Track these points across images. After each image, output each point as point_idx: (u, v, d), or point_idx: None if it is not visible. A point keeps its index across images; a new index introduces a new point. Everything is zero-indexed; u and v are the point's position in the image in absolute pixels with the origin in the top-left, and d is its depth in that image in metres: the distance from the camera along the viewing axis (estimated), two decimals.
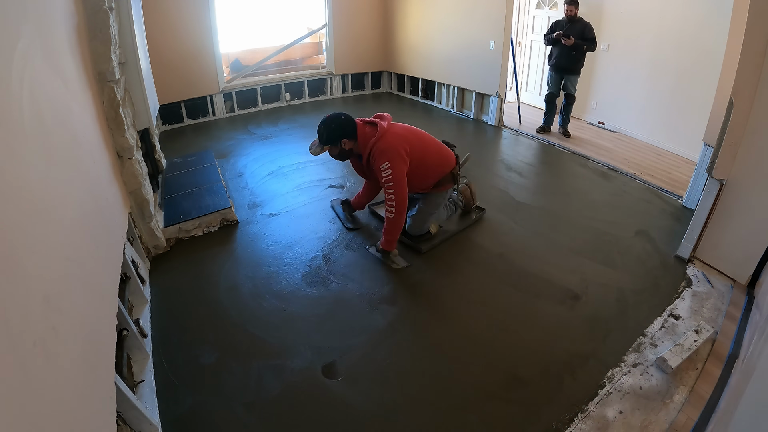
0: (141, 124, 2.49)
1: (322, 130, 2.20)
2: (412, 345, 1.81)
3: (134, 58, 2.35)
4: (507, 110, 4.99)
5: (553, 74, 4.34)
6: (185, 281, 2.24)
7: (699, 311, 1.99)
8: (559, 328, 1.90)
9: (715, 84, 2.66)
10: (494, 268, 2.31)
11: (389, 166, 2.12)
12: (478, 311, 2.01)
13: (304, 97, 5.92)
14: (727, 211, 2.15)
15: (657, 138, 4.21)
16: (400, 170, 2.14)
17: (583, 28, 4.00)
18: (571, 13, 4.02)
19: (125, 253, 1.81)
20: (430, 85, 5.78)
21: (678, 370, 1.66)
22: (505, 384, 1.62)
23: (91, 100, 1.76)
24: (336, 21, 5.67)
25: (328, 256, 2.43)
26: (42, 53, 1.25)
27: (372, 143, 2.17)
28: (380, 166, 2.14)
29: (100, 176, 1.68)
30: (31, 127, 1.04)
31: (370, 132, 2.21)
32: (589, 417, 1.49)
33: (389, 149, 2.13)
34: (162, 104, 4.37)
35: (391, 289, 2.15)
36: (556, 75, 4.32)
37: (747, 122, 1.95)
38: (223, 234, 2.68)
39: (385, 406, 1.54)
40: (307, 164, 3.74)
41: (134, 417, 1.32)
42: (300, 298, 2.09)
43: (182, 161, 3.53)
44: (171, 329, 1.91)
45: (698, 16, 3.60)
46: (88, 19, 1.86)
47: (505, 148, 4.23)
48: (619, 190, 3.24)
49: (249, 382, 1.63)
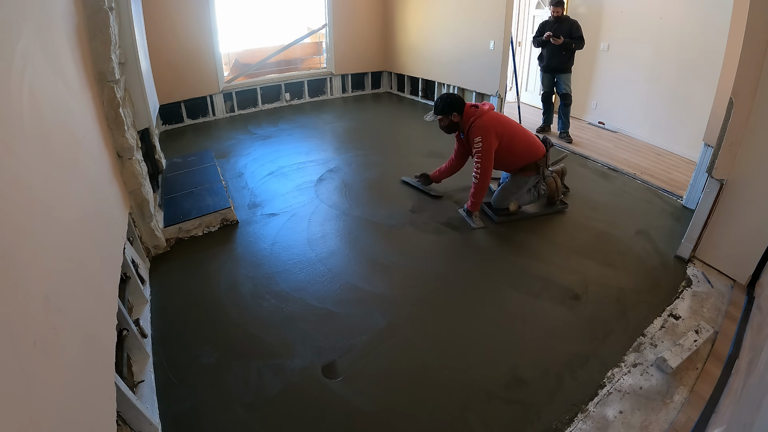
0: (141, 124, 2.49)
1: (439, 103, 2.68)
2: (412, 345, 1.81)
3: (134, 58, 2.35)
4: (507, 110, 4.99)
5: (545, 75, 4.37)
6: (185, 281, 2.24)
7: (699, 311, 1.99)
8: (559, 328, 1.90)
9: (715, 84, 2.66)
10: (494, 268, 2.31)
11: (481, 140, 2.58)
12: (478, 311, 2.01)
13: (304, 97, 5.92)
14: (727, 211, 2.15)
15: (657, 138, 4.21)
16: (489, 146, 2.59)
17: (571, 26, 4.01)
18: (557, 14, 4.04)
19: (125, 253, 1.81)
20: (430, 85, 5.78)
21: (678, 370, 1.66)
22: (505, 384, 1.62)
23: (91, 100, 1.76)
24: (336, 21, 5.67)
25: (328, 256, 2.43)
26: (42, 53, 1.25)
27: (472, 120, 2.64)
28: (474, 139, 2.61)
29: (100, 176, 1.69)
30: (31, 127, 1.04)
31: (472, 112, 2.66)
32: (589, 417, 1.49)
33: (484, 127, 2.58)
34: (162, 104, 4.38)
35: (391, 288, 2.15)
36: (547, 75, 4.34)
37: (747, 122, 1.95)
38: (223, 234, 2.68)
39: (385, 406, 1.54)
40: (307, 164, 3.74)
41: (134, 417, 1.32)
42: (300, 298, 2.09)
43: (182, 161, 3.53)
44: (171, 329, 1.91)
45: (698, 16, 3.60)
46: (88, 19, 1.86)
47: None
48: (619, 190, 3.24)
49: (249, 382, 1.63)
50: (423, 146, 4.22)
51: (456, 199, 3.09)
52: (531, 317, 1.96)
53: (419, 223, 2.78)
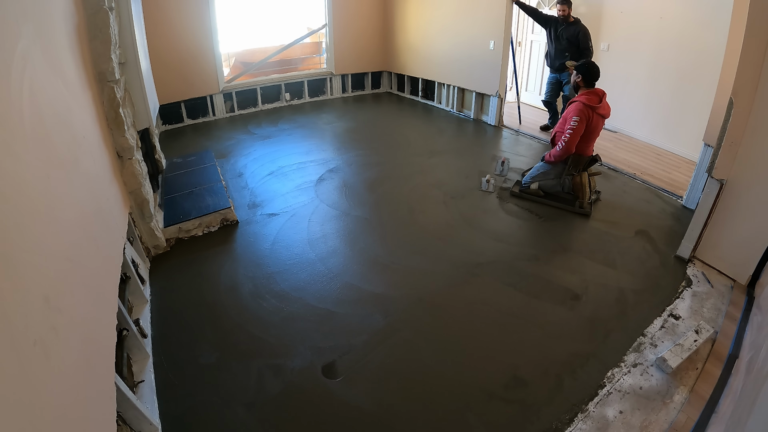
0: (141, 124, 2.49)
1: (586, 62, 2.84)
2: (412, 345, 1.81)
3: (134, 58, 2.35)
4: (507, 110, 4.99)
5: (551, 76, 4.36)
6: (185, 281, 2.24)
7: (699, 311, 1.99)
8: (559, 328, 1.90)
9: (715, 84, 2.66)
10: (494, 268, 2.31)
11: (577, 121, 2.73)
12: (479, 311, 2.01)
13: (304, 97, 5.92)
14: (727, 211, 2.15)
15: (657, 138, 4.21)
16: (579, 129, 2.75)
17: (578, 32, 3.90)
18: (564, 13, 3.93)
19: (125, 253, 1.81)
20: (430, 85, 5.78)
21: (678, 370, 1.66)
22: (505, 384, 1.62)
23: (91, 100, 1.76)
24: (336, 21, 5.67)
25: (328, 256, 2.43)
26: (42, 53, 1.25)
27: (579, 96, 2.79)
28: (572, 117, 2.75)
29: (100, 176, 1.68)
30: (31, 127, 1.04)
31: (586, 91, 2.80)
32: (589, 417, 1.49)
33: (584, 111, 2.73)
34: (162, 104, 4.38)
35: (391, 288, 2.15)
36: (554, 76, 4.33)
37: (747, 122, 1.95)
38: (223, 234, 2.68)
39: (385, 406, 1.54)
40: (307, 164, 3.74)
41: (134, 417, 1.32)
42: (300, 298, 2.09)
43: (182, 161, 3.53)
44: (171, 329, 1.91)
45: (698, 16, 3.60)
46: (88, 19, 1.86)
47: (505, 148, 4.23)
48: (619, 190, 3.24)
49: (249, 382, 1.63)
50: (423, 146, 4.22)
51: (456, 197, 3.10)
52: (531, 317, 1.96)
53: (419, 223, 2.78)
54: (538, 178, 3.05)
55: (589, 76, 2.78)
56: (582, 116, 2.72)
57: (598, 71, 2.79)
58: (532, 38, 5.53)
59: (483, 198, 3.11)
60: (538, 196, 3.03)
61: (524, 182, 3.14)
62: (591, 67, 2.79)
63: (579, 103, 2.75)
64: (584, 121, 2.73)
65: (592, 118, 2.74)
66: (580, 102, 2.75)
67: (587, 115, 2.72)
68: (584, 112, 2.72)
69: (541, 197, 3.02)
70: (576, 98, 2.81)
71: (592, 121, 2.75)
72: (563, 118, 2.88)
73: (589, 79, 2.78)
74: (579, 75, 2.82)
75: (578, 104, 2.75)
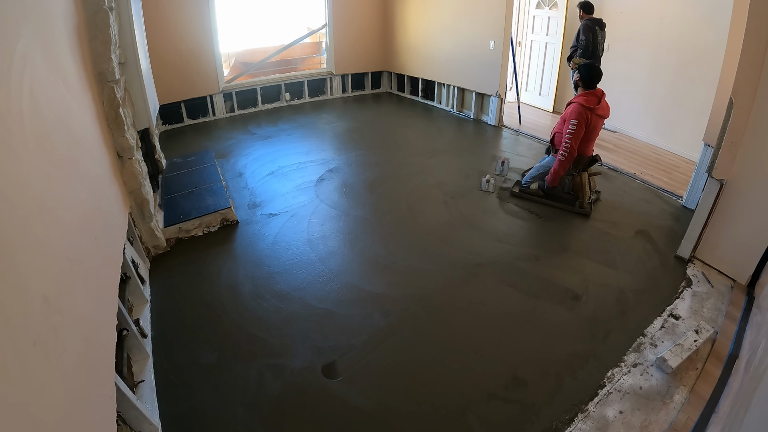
0: (141, 124, 2.49)
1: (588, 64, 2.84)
2: (412, 345, 1.81)
3: (134, 58, 2.35)
4: (507, 110, 4.99)
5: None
6: (185, 281, 2.24)
7: (699, 311, 1.99)
8: (559, 328, 1.90)
9: (715, 84, 2.66)
10: (494, 268, 2.31)
11: (575, 125, 2.71)
12: (478, 311, 2.01)
13: (304, 97, 5.92)
14: (727, 211, 2.14)
15: (657, 138, 4.20)
16: (578, 133, 2.74)
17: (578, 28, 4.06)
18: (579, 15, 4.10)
19: (125, 253, 1.81)
20: (430, 85, 5.78)
21: (678, 370, 1.66)
22: (505, 384, 1.62)
23: (91, 100, 1.76)
24: (336, 21, 5.67)
25: (328, 256, 2.43)
26: (42, 53, 1.25)
27: (578, 97, 2.78)
28: (571, 120, 2.72)
29: (100, 176, 1.68)
30: (31, 127, 1.04)
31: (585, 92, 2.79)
32: (589, 417, 1.49)
33: (582, 113, 2.70)
34: (162, 104, 4.37)
35: (391, 288, 2.15)
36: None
37: (747, 122, 1.95)
38: (223, 234, 2.68)
39: (385, 406, 1.54)
40: (307, 164, 3.74)
41: (134, 417, 1.32)
42: (300, 298, 2.09)
43: (182, 161, 3.53)
44: (171, 329, 1.91)
45: (698, 16, 3.60)
46: (88, 19, 1.86)
47: (505, 147, 4.23)
48: (619, 190, 3.24)
49: (249, 382, 1.63)
50: (423, 146, 4.22)
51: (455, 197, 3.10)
52: (531, 317, 1.96)
53: (419, 223, 2.78)
54: (538, 178, 3.06)
55: (587, 78, 2.78)
56: (580, 119, 2.71)
57: (598, 75, 2.78)
58: (532, 38, 5.53)
59: (483, 198, 3.11)
60: (538, 196, 3.03)
61: (524, 182, 3.14)
62: (591, 70, 2.78)
63: (577, 105, 2.74)
64: (583, 124, 2.72)
65: (590, 119, 2.73)
66: (578, 104, 2.74)
67: (585, 117, 2.72)
68: (582, 115, 2.71)
69: (541, 197, 3.02)
70: (575, 99, 2.80)
71: (591, 122, 2.75)
72: (562, 119, 2.88)
73: (588, 81, 2.78)
74: (581, 73, 2.82)
75: (576, 106, 2.74)
